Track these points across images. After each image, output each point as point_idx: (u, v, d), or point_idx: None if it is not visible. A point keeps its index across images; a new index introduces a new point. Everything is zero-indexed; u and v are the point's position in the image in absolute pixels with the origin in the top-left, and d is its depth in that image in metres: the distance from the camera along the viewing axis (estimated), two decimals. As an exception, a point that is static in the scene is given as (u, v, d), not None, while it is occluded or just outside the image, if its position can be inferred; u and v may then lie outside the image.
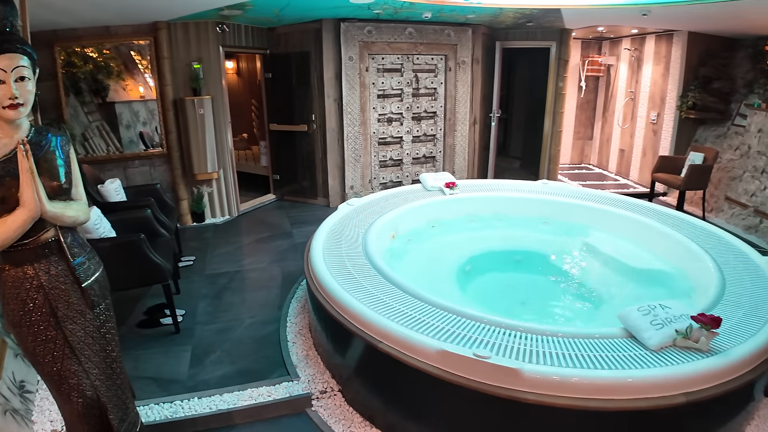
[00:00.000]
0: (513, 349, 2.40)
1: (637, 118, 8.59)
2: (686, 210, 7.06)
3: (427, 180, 5.18)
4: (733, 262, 3.55)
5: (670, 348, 2.41)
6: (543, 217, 4.96)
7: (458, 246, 4.49)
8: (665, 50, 7.80)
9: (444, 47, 7.07)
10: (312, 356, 3.47)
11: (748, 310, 2.91)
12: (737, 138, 6.99)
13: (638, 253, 4.18)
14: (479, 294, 3.84)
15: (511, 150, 10.54)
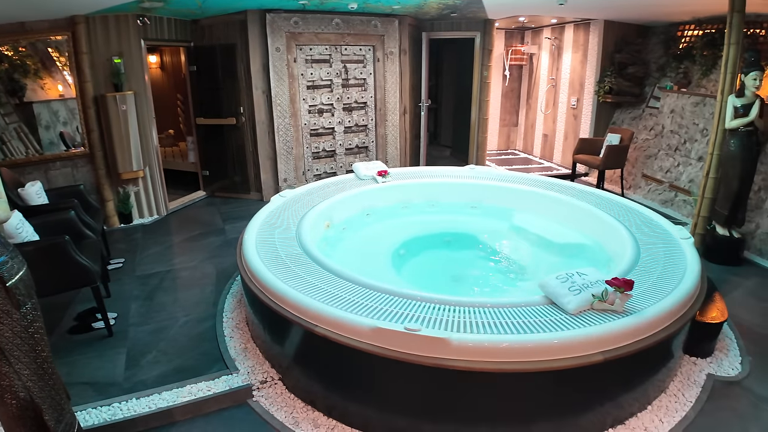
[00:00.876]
0: (443, 321, 2.52)
1: (559, 103, 9.00)
2: (606, 188, 7.50)
3: (360, 169, 5.25)
4: (648, 232, 3.85)
5: (587, 311, 2.61)
6: (472, 201, 5.14)
7: (392, 232, 4.60)
8: (583, 38, 8.21)
9: (371, 38, 7.13)
10: (250, 348, 3.48)
11: (661, 274, 3.18)
12: (651, 119, 7.48)
13: (560, 229, 4.44)
14: (413, 274, 3.97)
15: (441, 139, 10.79)
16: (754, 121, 4.79)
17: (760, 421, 2.99)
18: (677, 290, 2.91)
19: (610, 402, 2.73)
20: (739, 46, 4.88)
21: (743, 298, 4.53)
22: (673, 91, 6.97)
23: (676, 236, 3.71)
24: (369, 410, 2.72)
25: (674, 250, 3.51)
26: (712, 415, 3.01)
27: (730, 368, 3.46)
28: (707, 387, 3.23)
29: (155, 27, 6.15)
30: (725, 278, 4.88)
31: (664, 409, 3.01)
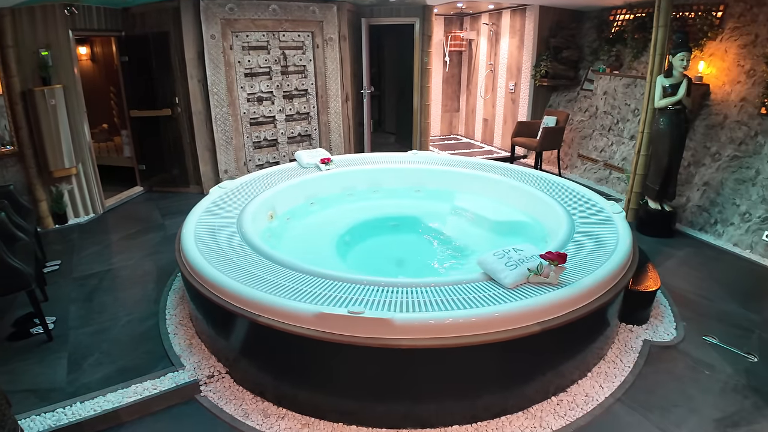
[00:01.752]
0: (386, 303, 2.56)
1: (498, 88, 9.17)
2: (544, 169, 7.72)
3: (302, 157, 5.20)
4: (582, 209, 4.01)
5: (524, 285, 2.70)
6: (416, 186, 5.19)
7: (337, 219, 4.59)
8: (519, 24, 8.38)
9: (310, 24, 7.04)
10: (196, 344, 3.42)
11: (594, 247, 3.31)
12: (586, 101, 7.73)
13: (500, 208, 4.56)
14: (359, 260, 3.99)
15: (386, 126, 10.81)
16: (681, 99, 5.05)
17: (697, 382, 3.17)
18: (609, 262, 3.05)
19: (552, 371, 2.84)
20: (668, 28, 5.11)
21: (676, 267, 4.78)
22: (606, 73, 7.23)
23: (609, 211, 3.88)
24: (319, 396, 2.73)
25: (607, 224, 3.67)
26: (650, 379, 3.18)
27: (666, 334, 3.66)
28: (644, 352, 3.41)
29: (84, 17, 5.86)
30: (658, 249, 5.13)
31: (604, 375, 3.15)
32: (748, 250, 5.10)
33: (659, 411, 2.90)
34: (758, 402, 2.99)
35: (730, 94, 5.66)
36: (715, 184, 5.59)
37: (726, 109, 5.66)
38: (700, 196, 5.70)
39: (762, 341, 3.61)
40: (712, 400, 3.00)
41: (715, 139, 5.71)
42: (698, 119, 5.92)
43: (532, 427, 2.73)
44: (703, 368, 3.29)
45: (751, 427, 2.79)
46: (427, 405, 2.64)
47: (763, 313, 4.00)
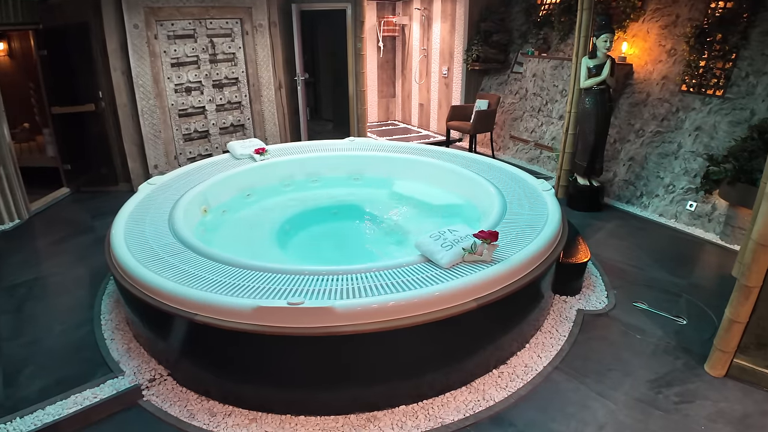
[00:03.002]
0: (327, 291, 2.56)
1: (432, 73, 9.26)
2: (478, 151, 7.88)
3: (235, 148, 5.08)
4: (514, 188, 4.13)
5: (460, 264, 2.77)
6: (354, 173, 5.19)
7: (276, 210, 4.53)
8: (450, 8, 8.46)
9: (238, 10, 6.85)
10: (134, 348, 3.30)
11: (525, 224, 3.42)
12: (516, 83, 7.92)
13: (437, 192, 4.64)
14: (300, 250, 3.97)
15: (323, 113, 10.70)
16: (606, 79, 5.26)
17: (629, 346, 3.36)
18: (539, 237, 3.17)
19: (492, 344, 2.94)
20: (591, 11, 5.30)
21: (605, 238, 5.01)
22: (535, 56, 7.44)
23: (539, 189, 4.01)
24: (265, 390, 2.71)
25: (537, 201, 3.80)
26: (585, 346, 3.34)
27: (598, 302, 3.85)
28: (578, 321, 3.58)
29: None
30: (588, 223, 5.36)
31: (541, 346, 3.29)
32: (672, 220, 5.40)
33: (595, 376, 3.05)
34: (689, 362, 3.20)
35: (652, 72, 5.94)
36: (639, 159, 5.87)
37: (648, 87, 5.94)
38: (626, 170, 5.98)
39: (689, 304, 3.85)
40: (645, 362, 3.19)
41: (639, 116, 5.99)
42: (622, 98, 6.19)
43: (476, 400, 2.81)
44: (635, 333, 3.48)
45: (684, 386, 2.98)
46: (374, 388, 2.68)
47: (689, 278, 4.27)
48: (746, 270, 2.72)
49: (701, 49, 5.42)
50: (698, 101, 5.47)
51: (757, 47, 5.05)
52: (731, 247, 4.82)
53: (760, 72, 5.00)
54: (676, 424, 2.69)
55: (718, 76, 5.32)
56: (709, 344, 3.21)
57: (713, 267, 4.54)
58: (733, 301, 2.83)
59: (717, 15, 5.33)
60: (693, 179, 5.34)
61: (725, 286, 4.08)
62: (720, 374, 3.02)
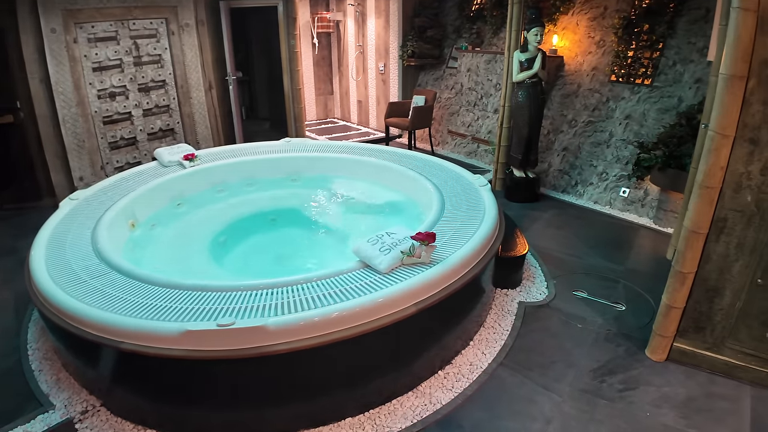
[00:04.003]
0: (261, 308, 2.43)
1: (369, 69, 9.18)
2: (418, 146, 7.88)
3: (163, 155, 4.83)
4: (451, 184, 4.11)
5: (399, 268, 2.71)
6: (292, 174, 5.05)
7: (210, 219, 4.33)
8: (384, 4, 8.39)
9: (163, 10, 6.54)
10: (64, 378, 3.06)
11: (463, 220, 3.40)
12: (452, 78, 7.95)
13: (376, 191, 4.58)
14: (237, 262, 3.80)
15: (259, 112, 10.44)
16: (537, 73, 5.32)
17: (571, 336, 3.40)
18: (476, 235, 3.15)
19: (436, 344, 2.90)
20: (522, 5, 5.33)
21: (543, 229, 5.08)
22: (468, 50, 7.47)
23: (475, 184, 4.01)
24: (202, 414, 2.56)
25: (474, 197, 3.80)
26: (528, 338, 3.36)
27: (538, 293, 3.88)
28: (520, 314, 3.60)
29: None
30: (526, 214, 5.43)
31: (485, 342, 3.28)
32: (607, 207, 5.55)
33: (539, 369, 3.07)
34: (630, 348, 3.26)
35: (582, 64, 6.07)
36: (573, 149, 5.99)
37: (579, 78, 6.07)
38: (560, 160, 6.09)
39: (627, 290, 3.94)
40: (587, 351, 3.23)
41: (571, 107, 6.11)
42: (554, 89, 6.29)
43: (423, 405, 2.76)
44: (576, 322, 3.53)
45: (627, 373, 3.03)
46: (318, 402, 2.58)
47: (625, 263, 4.38)
48: (680, 257, 2.79)
49: (629, 40, 5.58)
50: (627, 90, 5.62)
51: (683, 36, 5.24)
52: (664, 230, 4.98)
53: (687, 60, 5.18)
54: (622, 413, 2.73)
55: (646, 66, 5.48)
56: (648, 329, 3.29)
57: (648, 251, 4.67)
58: (669, 287, 2.90)
59: (644, 6, 5.49)
60: (625, 166, 5.49)
61: (661, 270, 4.21)
62: (661, 358, 3.10)
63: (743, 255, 2.66)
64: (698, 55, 5.09)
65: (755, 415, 2.71)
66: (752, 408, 2.75)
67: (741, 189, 2.54)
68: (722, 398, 2.83)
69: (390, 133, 8.00)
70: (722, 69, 2.39)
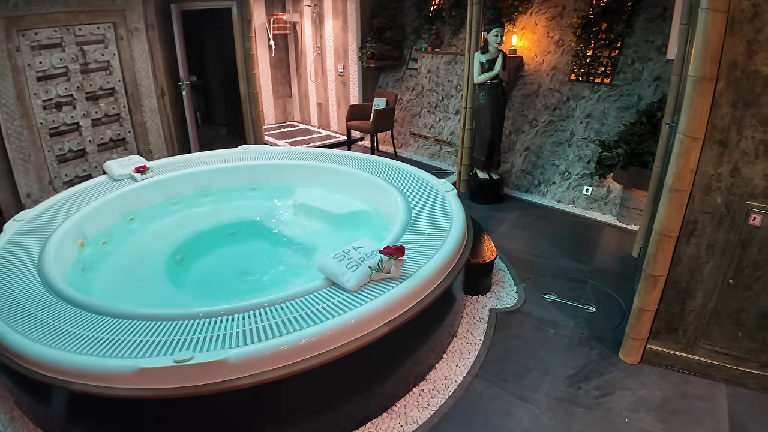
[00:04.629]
0: (219, 338, 2.25)
1: (327, 71, 9.02)
2: (380, 149, 7.79)
3: (113, 168, 4.57)
4: (417, 190, 4.01)
5: (368, 284, 2.58)
6: (250, 184, 4.87)
7: (165, 235, 4.10)
8: (342, 5, 8.25)
9: (110, 14, 6.23)
10: (18, 417, 2.80)
11: (431, 230, 3.30)
12: (412, 80, 7.87)
13: (340, 199, 4.43)
14: (195, 282, 3.60)
15: (216, 117, 10.16)
16: (498, 74, 5.26)
17: (544, 342, 3.35)
18: (446, 244, 3.06)
19: (409, 360, 2.80)
20: (481, 5, 5.28)
21: (509, 230, 5.05)
22: (428, 51, 7.40)
23: (441, 190, 3.93)
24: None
25: (441, 204, 3.71)
26: (501, 347, 3.29)
27: (509, 298, 3.83)
28: (492, 321, 3.53)
29: None
30: (491, 215, 5.40)
31: (459, 353, 3.19)
32: (571, 205, 5.56)
33: (515, 379, 3.01)
34: (603, 351, 3.23)
35: (542, 64, 6.07)
36: (535, 149, 5.99)
37: (539, 78, 6.07)
38: (522, 161, 6.09)
39: (596, 290, 3.93)
40: (561, 357, 3.19)
41: (532, 107, 6.11)
42: (515, 90, 6.28)
43: (399, 426, 2.66)
44: (548, 327, 3.49)
45: (602, 378, 2.99)
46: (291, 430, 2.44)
47: (592, 263, 4.37)
48: (651, 260, 2.76)
49: (588, 39, 5.60)
50: (587, 89, 5.65)
51: (641, 34, 5.28)
52: (628, 227, 5.02)
53: (645, 58, 5.23)
54: (600, 420, 2.70)
55: (605, 65, 5.51)
56: (619, 330, 3.28)
57: (614, 249, 4.69)
58: (641, 290, 2.88)
59: (602, 5, 5.52)
60: (587, 165, 5.51)
61: (627, 268, 4.25)
62: (635, 361, 3.08)
63: (714, 256, 2.66)
64: (657, 53, 5.14)
65: (732, 414, 2.72)
66: (729, 406, 2.76)
67: (711, 191, 2.53)
68: (698, 398, 2.83)
69: (352, 136, 7.86)
70: (691, 71, 2.37)
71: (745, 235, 2.53)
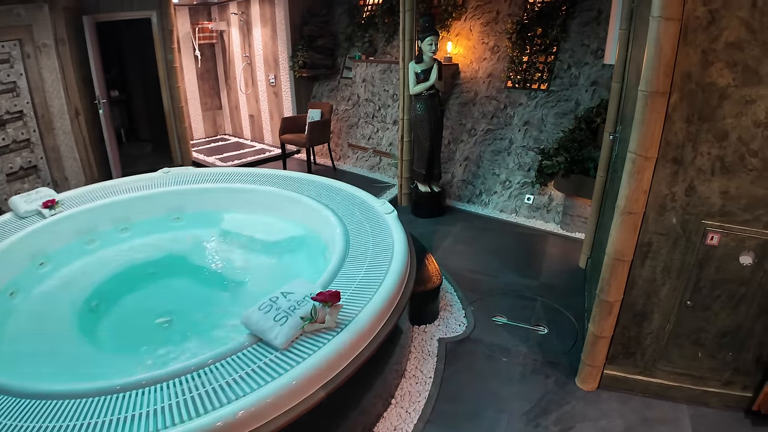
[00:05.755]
0: (129, 420, 1.84)
1: (258, 82, 8.62)
2: (318, 162, 7.48)
3: (18, 204, 4.04)
4: (355, 213, 3.72)
5: (301, 338, 2.24)
6: (173, 212, 4.44)
7: (79, 279, 3.61)
8: (270, 12, 7.88)
9: (15, 30, 5.64)
10: None
11: (371, 260, 3.01)
12: (348, 89, 7.59)
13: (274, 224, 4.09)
14: (112, 335, 3.15)
15: (141, 133, 9.55)
16: (434, 84, 5.05)
17: (497, 373, 3.13)
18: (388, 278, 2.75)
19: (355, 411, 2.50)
20: (414, 12, 5.05)
21: (453, 245, 4.85)
22: (362, 60, 7.13)
23: (381, 212, 3.66)
24: None
25: (380, 228, 3.43)
26: (453, 383, 3.05)
27: (457, 325, 3.60)
28: (441, 354, 3.29)
29: None
30: (434, 230, 5.19)
31: (408, 397, 2.92)
32: (513, 215, 5.43)
33: (469, 421, 2.77)
34: (559, 378, 3.05)
35: (478, 71, 5.93)
36: (474, 158, 5.84)
37: (476, 85, 5.93)
38: (463, 170, 5.93)
39: (546, 308, 3.77)
40: (516, 389, 2.98)
41: (469, 115, 5.96)
42: (452, 98, 6.12)
43: (344, 488, 2.37)
44: (500, 355, 3.28)
45: (561, 410, 2.80)
46: None
47: (539, 277, 4.23)
48: (605, 285, 2.59)
49: (523, 45, 5.49)
50: (524, 96, 5.54)
51: (577, 38, 5.21)
52: (572, 235, 4.93)
53: (581, 63, 5.15)
54: (561, 459, 2.50)
55: (542, 70, 5.42)
56: (574, 352, 3.14)
57: (560, 260, 4.56)
58: (595, 317, 2.70)
59: (536, 9, 5.41)
60: (527, 173, 5.40)
61: (575, 281, 4.13)
62: (592, 388, 2.92)
63: (670, 278, 2.51)
64: (593, 57, 5.08)
65: (696, 436, 2.59)
66: (692, 428, 2.64)
67: (665, 211, 2.37)
68: (661, 422, 2.69)
69: (287, 150, 7.48)
70: (642, 85, 2.19)
71: (702, 255, 2.39)
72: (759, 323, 2.49)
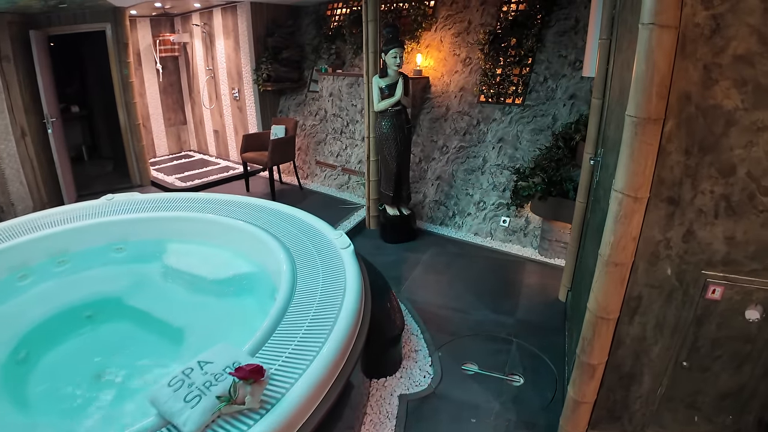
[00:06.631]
0: None
1: (222, 96, 8.18)
2: (285, 181, 7.07)
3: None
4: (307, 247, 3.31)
5: (218, 421, 1.81)
6: (115, 242, 4.00)
7: (7, 323, 3.15)
8: (232, 23, 7.47)
9: (-49, 47, 5.20)
10: None
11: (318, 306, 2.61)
12: (315, 103, 7.19)
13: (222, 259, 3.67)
14: (42, 391, 2.69)
15: (103, 151, 9.05)
16: (400, 100, 4.66)
17: (464, 435, 2.70)
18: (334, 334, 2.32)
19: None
20: (378, 23, 4.67)
21: (423, 276, 4.46)
22: (329, 73, 6.73)
23: (337, 246, 3.25)
24: None
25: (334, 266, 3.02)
26: (414, 451, 2.64)
27: (422, 376, 3.19)
28: (402, 415, 2.86)
29: None
30: (403, 257, 4.80)
31: (361, 469, 2.51)
32: (488, 238, 5.07)
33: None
34: (536, 442, 2.66)
35: (449, 84, 5.57)
36: (447, 177, 5.47)
37: (447, 100, 5.57)
38: (435, 190, 5.55)
39: (522, 352, 3.39)
40: (485, 460, 2.58)
41: (441, 131, 5.59)
42: (422, 113, 5.75)
43: None
44: (470, 414, 2.87)
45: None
46: None
47: (515, 313, 3.85)
48: (587, 346, 2.19)
49: (496, 56, 5.14)
50: (498, 111, 5.19)
51: (553, 49, 4.87)
52: (551, 261, 4.58)
53: (558, 75, 4.81)
54: None
55: (516, 83, 5.07)
56: (553, 408, 2.75)
57: (537, 292, 4.18)
58: (575, 380, 2.30)
59: (510, 18, 5.06)
60: (503, 194, 5.04)
61: (554, 317, 3.75)
62: (572, 455, 2.52)
63: (663, 337, 2.12)
64: (570, 68, 4.74)
65: None
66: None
67: (658, 261, 1.98)
68: (650, 497, 2.31)
69: (250, 168, 7.04)
70: (630, 110, 1.78)
71: (701, 311, 2.01)
72: (764, 383, 2.12)
